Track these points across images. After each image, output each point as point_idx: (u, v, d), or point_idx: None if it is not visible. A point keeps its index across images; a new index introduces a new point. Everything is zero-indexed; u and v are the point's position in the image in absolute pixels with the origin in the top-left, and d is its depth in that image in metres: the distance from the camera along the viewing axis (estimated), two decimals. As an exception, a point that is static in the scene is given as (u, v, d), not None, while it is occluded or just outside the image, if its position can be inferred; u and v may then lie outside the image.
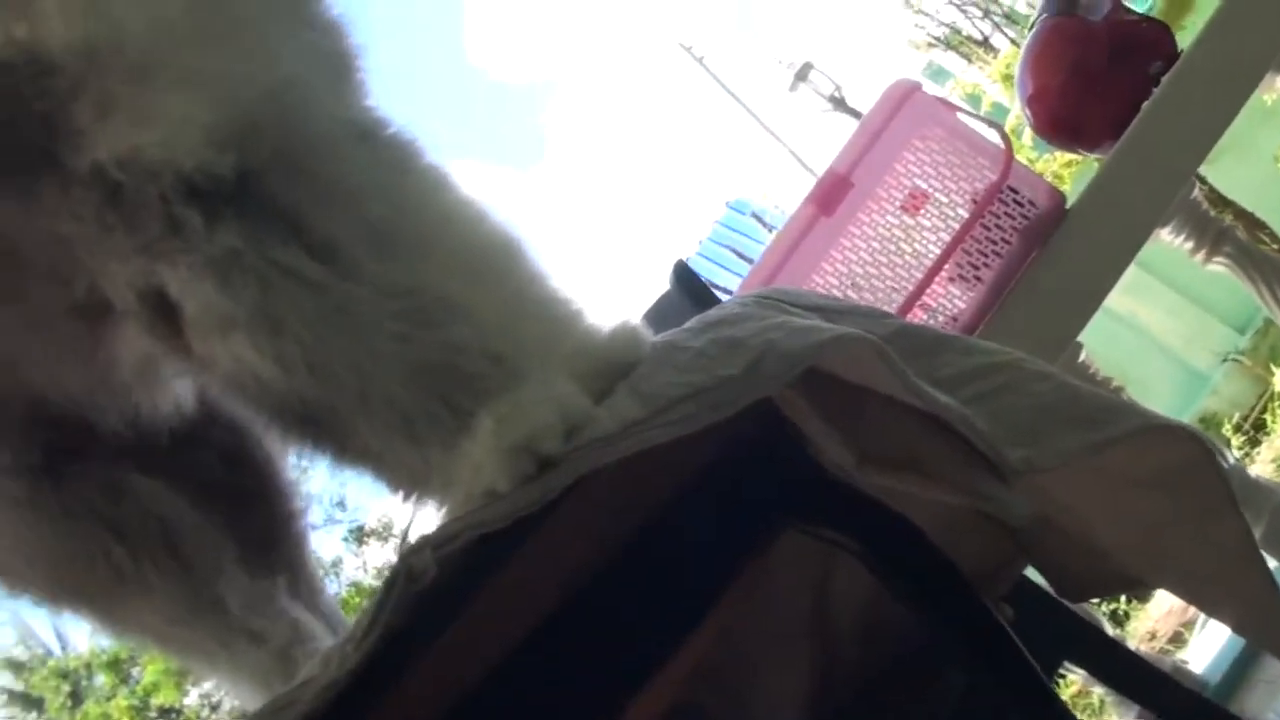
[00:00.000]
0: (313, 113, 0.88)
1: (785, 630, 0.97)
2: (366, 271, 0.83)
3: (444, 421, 0.81)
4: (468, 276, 0.86)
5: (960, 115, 2.01)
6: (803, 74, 9.28)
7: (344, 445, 0.85)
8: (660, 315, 1.39)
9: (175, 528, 1.08)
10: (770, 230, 11.41)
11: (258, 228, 0.82)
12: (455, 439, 0.80)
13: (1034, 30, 2.01)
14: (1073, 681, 2.07)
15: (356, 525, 14.48)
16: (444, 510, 0.82)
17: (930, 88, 2.09)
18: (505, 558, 0.75)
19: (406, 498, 0.85)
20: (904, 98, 1.88)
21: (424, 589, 0.72)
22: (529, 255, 0.92)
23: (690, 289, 1.42)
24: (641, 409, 0.76)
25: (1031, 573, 1.07)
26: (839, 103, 9.10)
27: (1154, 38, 1.95)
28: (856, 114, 8.90)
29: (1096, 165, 2.01)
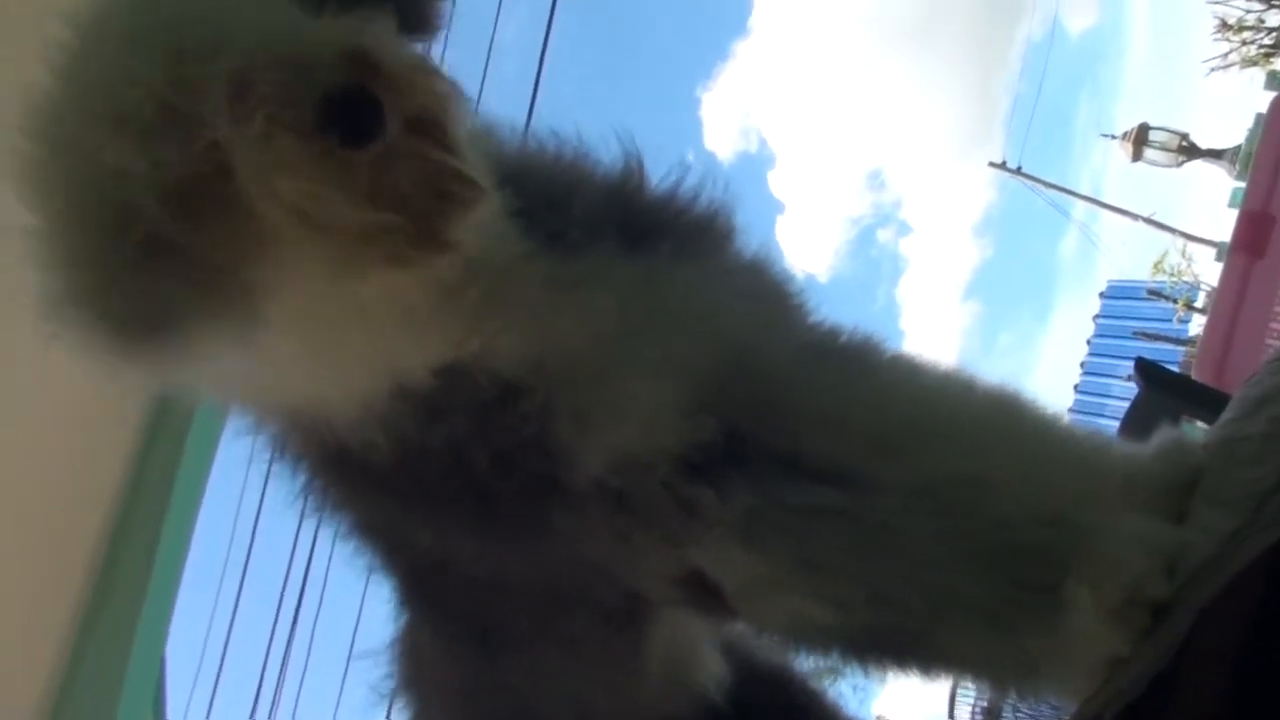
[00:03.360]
0: (768, 352, 0.86)
1: None
2: (882, 481, 0.80)
3: (1028, 604, 0.76)
4: (981, 450, 0.82)
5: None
6: (1142, 138, 8.84)
7: (928, 658, 0.82)
8: (1142, 420, 1.32)
9: None
10: (1173, 300, 10.73)
11: (764, 477, 0.80)
12: (1049, 617, 0.75)
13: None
14: None
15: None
16: (1063, 692, 0.77)
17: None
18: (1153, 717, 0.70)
19: (1015, 692, 0.81)
20: (1294, 111, 1.76)
21: None
22: (1030, 404, 0.87)
23: (1165, 383, 1.34)
24: (1233, 517, 0.71)
25: None
26: (1191, 150, 8.55)
27: None
28: (1215, 154, 8.36)
29: None
